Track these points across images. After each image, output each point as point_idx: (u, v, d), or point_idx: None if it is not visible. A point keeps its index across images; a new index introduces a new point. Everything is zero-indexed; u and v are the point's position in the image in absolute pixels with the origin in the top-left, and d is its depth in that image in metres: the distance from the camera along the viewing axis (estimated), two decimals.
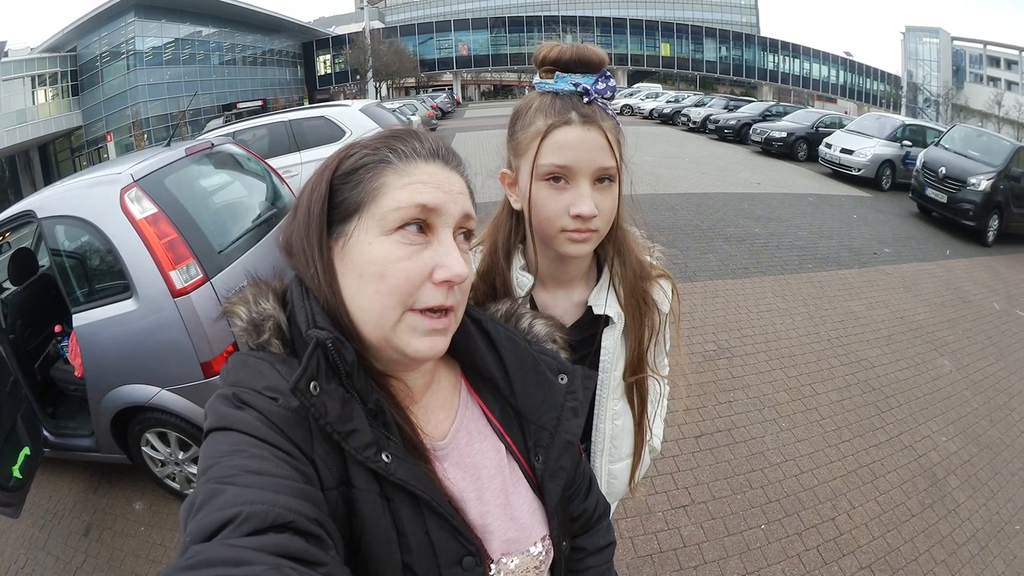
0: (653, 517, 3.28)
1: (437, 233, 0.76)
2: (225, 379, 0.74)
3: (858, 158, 14.08)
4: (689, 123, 25.52)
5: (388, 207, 0.74)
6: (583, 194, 1.09)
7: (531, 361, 0.91)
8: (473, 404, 0.92)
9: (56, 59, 40.76)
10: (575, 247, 1.13)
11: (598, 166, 1.09)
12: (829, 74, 70.96)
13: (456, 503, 0.81)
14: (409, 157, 0.77)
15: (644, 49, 69.81)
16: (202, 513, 0.56)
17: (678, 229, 8.74)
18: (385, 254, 0.73)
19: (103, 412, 3.22)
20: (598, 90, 1.11)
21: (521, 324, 1.00)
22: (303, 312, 0.76)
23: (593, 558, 1.06)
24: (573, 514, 1.02)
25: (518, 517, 0.86)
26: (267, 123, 9.63)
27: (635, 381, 1.35)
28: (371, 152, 0.78)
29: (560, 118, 1.09)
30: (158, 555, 3.17)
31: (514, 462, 0.89)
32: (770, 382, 4.71)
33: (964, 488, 3.70)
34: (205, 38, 49.15)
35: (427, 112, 27.25)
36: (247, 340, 0.78)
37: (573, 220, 1.10)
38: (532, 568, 0.86)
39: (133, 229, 3.02)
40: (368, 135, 0.82)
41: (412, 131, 0.82)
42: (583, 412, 0.90)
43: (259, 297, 0.80)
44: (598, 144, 1.09)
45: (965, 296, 7.31)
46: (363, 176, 0.76)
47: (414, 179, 0.76)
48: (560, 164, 1.09)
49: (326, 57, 65.38)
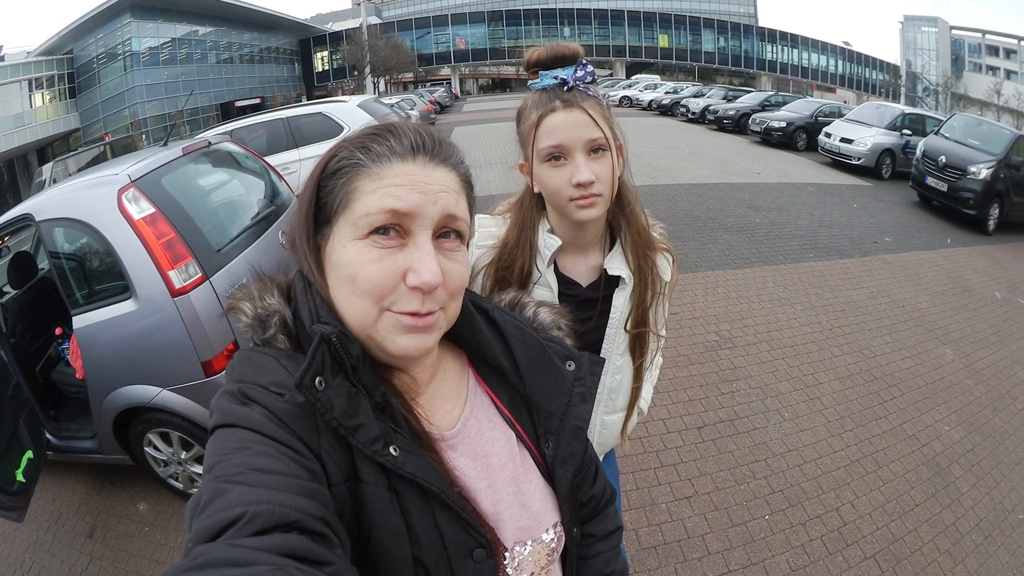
0: (657, 509, 3.28)
1: (413, 236, 0.74)
2: (231, 375, 0.74)
3: (858, 147, 14.04)
4: (688, 114, 25.57)
5: (359, 213, 0.73)
6: (579, 165, 1.28)
7: (539, 348, 0.91)
8: (482, 393, 0.92)
9: (53, 62, 40.61)
10: (584, 212, 1.31)
11: (586, 139, 1.29)
12: (828, 64, 70.85)
13: (467, 493, 0.81)
14: (383, 157, 0.75)
15: (642, 41, 69.62)
16: (207, 512, 0.56)
17: (678, 220, 8.77)
18: (355, 257, 0.73)
19: (105, 413, 3.23)
20: (577, 78, 1.31)
21: (526, 312, 1.00)
22: (306, 307, 0.76)
23: (602, 544, 1.06)
24: (582, 500, 1.01)
25: (530, 504, 0.85)
26: (265, 120, 9.64)
27: (636, 336, 1.52)
28: (348, 154, 0.77)
29: (547, 107, 1.30)
30: (163, 555, 3.18)
31: (524, 449, 0.89)
32: (772, 372, 4.71)
33: (967, 477, 3.70)
34: (202, 37, 49.02)
35: (425, 107, 27.20)
36: (252, 336, 0.78)
37: (576, 188, 1.29)
38: (544, 555, 0.86)
39: (131, 229, 3.02)
40: (353, 133, 0.81)
41: (391, 127, 0.80)
42: (591, 398, 0.91)
43: (264, 292, 0.80)
44: (582, 121, 1.28)
45: (966, 285, 7.30)
46: (339, 179, 0.76)
47: (386, 182, 0.74)
48: (554, 144, 1.29)
49: (323, 54, 65.19)
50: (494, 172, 12.14)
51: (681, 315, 5.65)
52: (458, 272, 0.78)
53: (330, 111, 9.45)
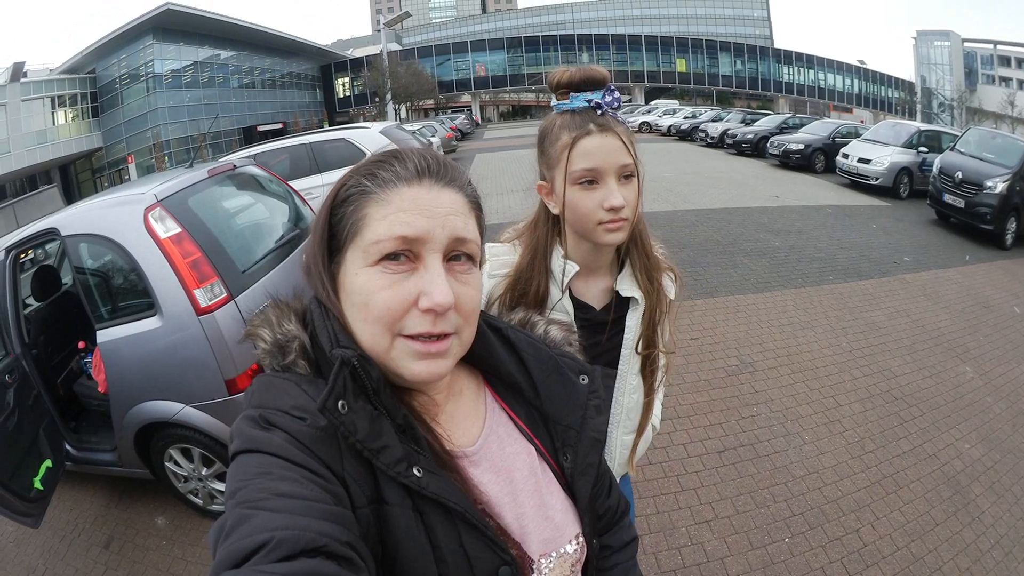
0: (676, 532, 3.26)
1: (424, 260, 0.75)
2: (250, 401, 0.74)
3: (875, 167, 13.97)
4: (707, 138, 25.55)
5: (369, 240, 0.74)
6: (612, 189, 1.27)
7: (553, 364, 0.92)
8: (499, 410, 0.92)
9: (76, 80, 41.11)
10: (611, 236, 1.31)
11: (620, 164, 1.28)
12: (844, 83, 70.86)
13: (491, 509, 0.81)
14: (389, 183, 0.77)
15: (660, 65, 70.03)
16: (232, 539, 0.56)
17: (698, 245, 8.72)
18: (367, 284, 0.74)
19: (126, 427, 3.27)
20: (607, 102, 1.31)
21: (537, 330, 1.01)
22: (325, 332, 0.76)
23: (619, 554, 1.07)
24: (599, 512, 1.02)
25: (552, 516, 0.86)
26: (288, 145, 9.75)
27: (647, 356, 1.51)
28: (355, 182, 0.78)
29: (582, 130, 1.28)
30: (179, 569, 3.20)
31: (544, 463, 0.90)
32: (792, 395, 4.67)
33: (988, 495, 3.64)
34: (224, 61, 49.54)
35: (447, 134, 27.27)
36: (271, 362, 0.78)
37: (607, 212, 1.28)
38: (568, 567, 0.86)
39: (157, 248, 3.08)
40: (362, 161, 0.83)
41: (396, 152, 0.82)
42: (606, 410, 0.93)
43: (282, 319, 0.80)
44: (616, 146, 1.28)
45: (985, 301, 7.21)
46: (348, 207, 0.77)
47: (393, 207, 0.75)
48: (589, 168, 1.28)
49: (345, 79, 65.74)
50: (515, 199, 12.27)
51: (702, 340, 5.63)
52: (471, 295, 0.79)
53: (353, 137, 9.52)
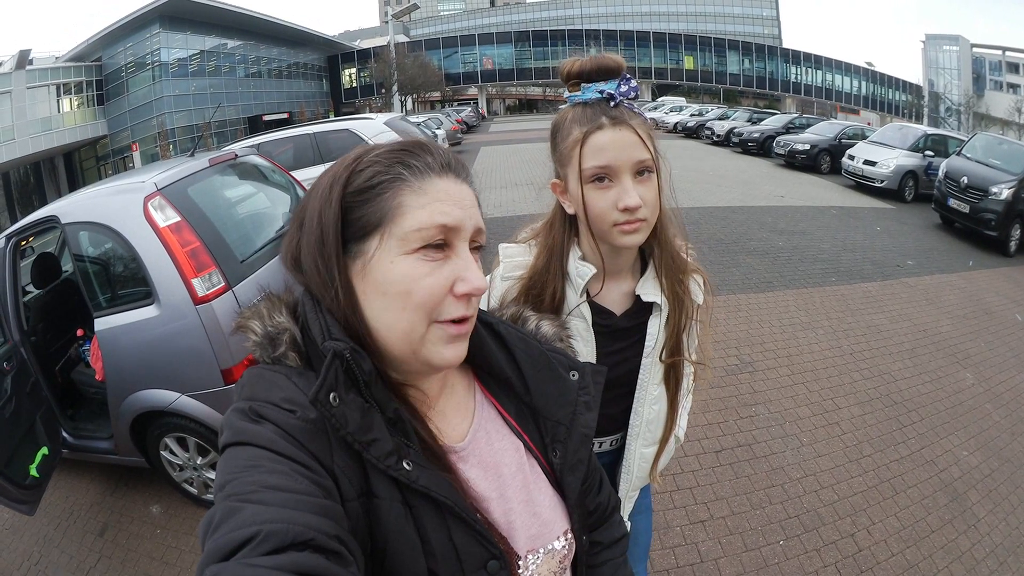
0: (671, 531, 3.25)
1: (455, 248, 0.77)
2: (240, 393, 0.74)
3: (881, 169, 13.92)
4: (713, 136, 25.55)
5: (409, 228, 0.74)
6: (626, 188, 1.19)
7: (544, 360, 0.93)
8: (488, 405, 0.93)
9: (81, 68, 41.11)
10: (628, 238, 1.23)
11: (635, 160, 1.19)
12: (851, 85, 70.37)
13: (479, 504, 0.82)
14: (423, 173, 0.77)
15: (668, 62, 69.77)
16: (220, 532, 0.56)
17: (701, 243, 8.72)
18: (409, 272, 0.74)
19: (123, 415, 3.27)
20: (621, 93, 1.22)
21: (528, 325, 1.02)
22: (317, 325, 0.75)
23: (609, 551, 1.07)
24: (589, 508, 1.02)
25: (540, 512, 0.86)
26: (292, 135, 9.74)
27: (672, 365, 1.44)
28: (384, 168, 0.77)
29: (593, 124, 1.20)
30: (172, 558, 3.20)
31: (532, 459, 0.90)
32: (792, 397, 4.66)
33: (984, 503, 3.63)
34: (230, 50, 49.57)
35: (452, 126, 27.24)
36: (261, 354, 0.78)
37: (622, 213, 1.20)
38: (556, 563, 0.87)
39: (156, 237, 3.07)
40: (374, 149, 0.82)
41: (422, 144, 0.82)
42: (595, 407, 0.92)
43: (273, 311, 0.80)
44: (631, 141, 1.19)
45: (987, 308, 7.18)
46: (379, 194, 0.76)
47: (431, 197, 0.76)
48: (601, 165, 1.20)
49: (351, 70, 65.91)
50: (520, 192, 12.27)
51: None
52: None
53: (357, 128, 9.52)
